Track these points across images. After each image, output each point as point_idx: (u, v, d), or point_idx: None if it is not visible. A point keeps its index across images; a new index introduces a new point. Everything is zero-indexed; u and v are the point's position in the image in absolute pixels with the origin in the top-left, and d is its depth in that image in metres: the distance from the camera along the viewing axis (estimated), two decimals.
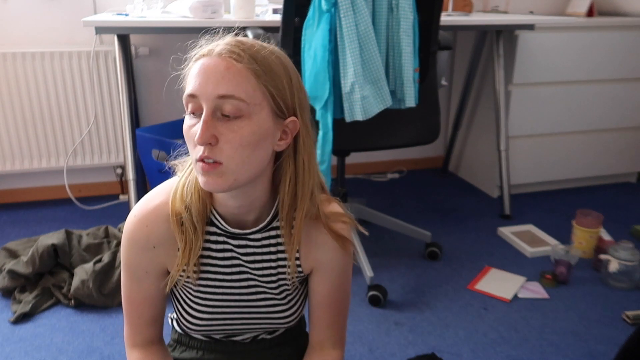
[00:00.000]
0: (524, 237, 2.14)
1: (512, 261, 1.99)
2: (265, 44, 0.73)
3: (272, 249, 0.84)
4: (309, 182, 0.77)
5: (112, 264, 1.70)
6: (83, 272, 1.66)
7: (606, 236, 2.08)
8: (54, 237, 1.78)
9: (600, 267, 1.88)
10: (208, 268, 0.83)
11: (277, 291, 0.86)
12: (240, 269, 0.84)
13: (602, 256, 1.86)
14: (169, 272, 0.84)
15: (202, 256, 0.82)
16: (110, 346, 1.50)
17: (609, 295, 1.78)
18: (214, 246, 0.82)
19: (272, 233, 0.83)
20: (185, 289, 0.86)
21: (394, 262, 1.97)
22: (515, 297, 1.77)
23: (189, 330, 0.89)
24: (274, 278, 0.85)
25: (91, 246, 1.81)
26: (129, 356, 0.89)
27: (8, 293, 1.72)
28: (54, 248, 1.74)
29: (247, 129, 0.69)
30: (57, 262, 1.76)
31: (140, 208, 0.80)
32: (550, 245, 2.06)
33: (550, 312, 1.68)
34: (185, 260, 0.79)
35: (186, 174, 0.79)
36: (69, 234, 1.82)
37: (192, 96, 0.69)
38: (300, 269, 0.86)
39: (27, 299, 1.65)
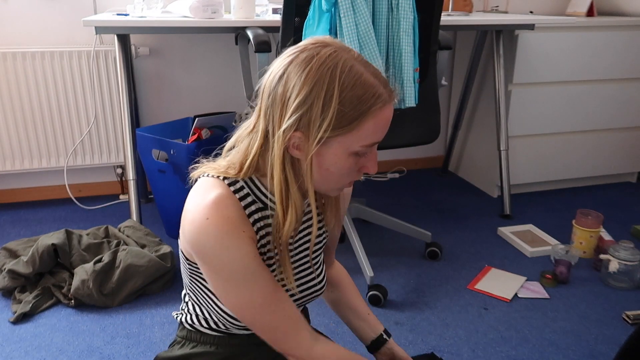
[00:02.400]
0: (524, 236, 2.14)
1: (512, 261, 1.99)
2: (346, 46, 0.77)
3: (303, 217, 0.90)
4: None
5: (112, 264, 1.70)
6: (83, 272, 1.66)
7: (606, 236, 2.08)
8: (54, 237, 1.78)
9: (601, 267, 1.88)
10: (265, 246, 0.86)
11: (308, 258, 0.92)
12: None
13: (603, 256, 1.86)
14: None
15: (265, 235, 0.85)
16: (110, 346, 1.50)
17: (609, 295, 1.78)
18: (269, 221, 0.84)
19: None
20: None
21: (394, 261, 1.97)
22: (516, 296, 1.77)
23: (233, 327, 0.89)
24: (307, 245, 0.92)
25: (91, 246, 1.81)
26: (315, 353, 0.84)
27: (8, 293, 1.72)
28: (54, 248, 1.74)
29: None
30: (57, 262, 1.77)
31: (206, 205, 0.76)
32: (550, 245, 2.06)
33: (550, 312, 1.68)
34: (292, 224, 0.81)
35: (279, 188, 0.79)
36: (69, 234, 1.82)
37: (375, 142, 0.77)
38: (325, 229, 0.95)
39: (27, 299, 1.65)
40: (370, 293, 1.70)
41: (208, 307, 0.90)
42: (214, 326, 0.93)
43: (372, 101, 0.73)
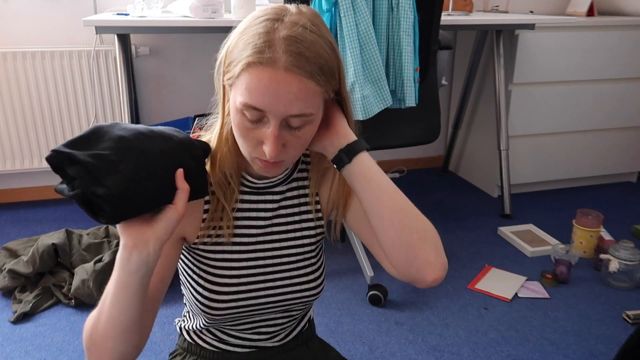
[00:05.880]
0: (524, 236, 2.14)
1: (513, 261, 1.99)
2: (305, 19, 0.70)
3: (295, 201, 0.85)
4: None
5: (113, 264, 1.69)
6: (83, 272, 1.66)
7: (606, 236, 2.08)
8: (54, 237, 1.78)
9: (601, 266, 1.88)
10: (236, 231, 0.82)
11: (301, 250, 0.85)
12: (265, 230, 0.84)
13: (603, 256, 1.86)
14: (184, 240, 0.82)
15: (233, 217, 0.81)
16: None
17: (609, 295, 1.78)
18: (239, 205, 0.82)
19: (294, 184, 0.85)
20: (206, 259, 0.82)
21: None
22: (516, 296, 1.77)
23: (211, 312, 0.82)
24: (297, 234, 0.86)
25: (91, 246, 1.81)
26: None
27: (8, 293, 1.72)
28: (55, 248, 1.74)
29: (309, 133, 0.72)
30: (57, 261, 1.77)
31: None
32: (550, 244, 2.06)
33: (550, 312, 1.68)
34: (219, 215, 0.79)
35: (216, 136, 0.80)
36: (69, 234, 1.82)
37: (256, 109, 0.66)
38: (320, 216, 0.87)
39: (28, 299, 1.65)
40: (371, 293, 1.70)
41: (193, 289, 0.85)
42: (207, 339, 0.91)
43: (250, 52, 0.65)
